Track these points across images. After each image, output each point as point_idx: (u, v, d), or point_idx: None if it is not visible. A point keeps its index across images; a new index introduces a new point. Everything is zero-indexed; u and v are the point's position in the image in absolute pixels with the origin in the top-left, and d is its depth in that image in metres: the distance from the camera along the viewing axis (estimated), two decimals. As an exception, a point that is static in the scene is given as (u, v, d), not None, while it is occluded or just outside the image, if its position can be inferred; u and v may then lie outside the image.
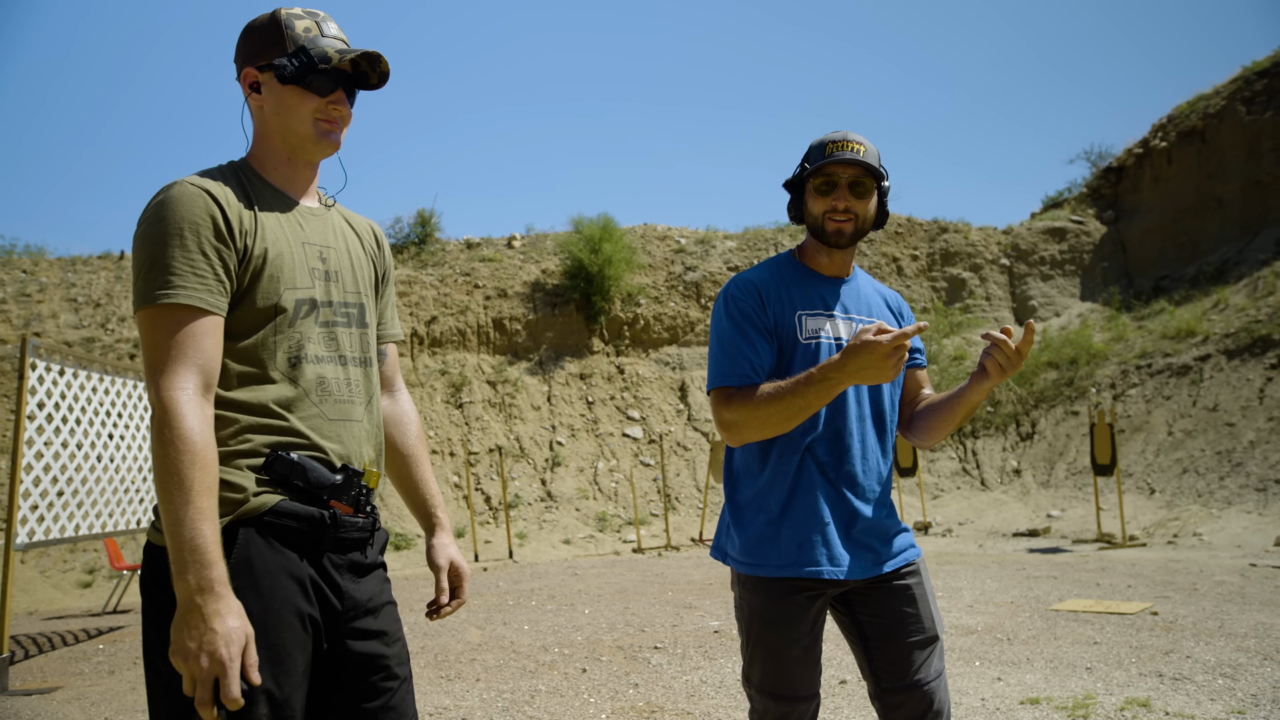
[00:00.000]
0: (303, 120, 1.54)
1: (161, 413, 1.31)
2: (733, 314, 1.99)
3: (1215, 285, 16.81)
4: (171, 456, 1.29)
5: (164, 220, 1.39)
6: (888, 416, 2.06)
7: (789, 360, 1.98)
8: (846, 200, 1.99)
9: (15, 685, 5.46)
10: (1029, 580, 7.74)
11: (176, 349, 1.35)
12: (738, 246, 19.66)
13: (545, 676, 4.94)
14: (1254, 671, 4.31)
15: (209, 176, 1.49)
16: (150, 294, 1.37)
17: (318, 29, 1.56)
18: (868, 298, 2.14)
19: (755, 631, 1.97)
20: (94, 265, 16.93)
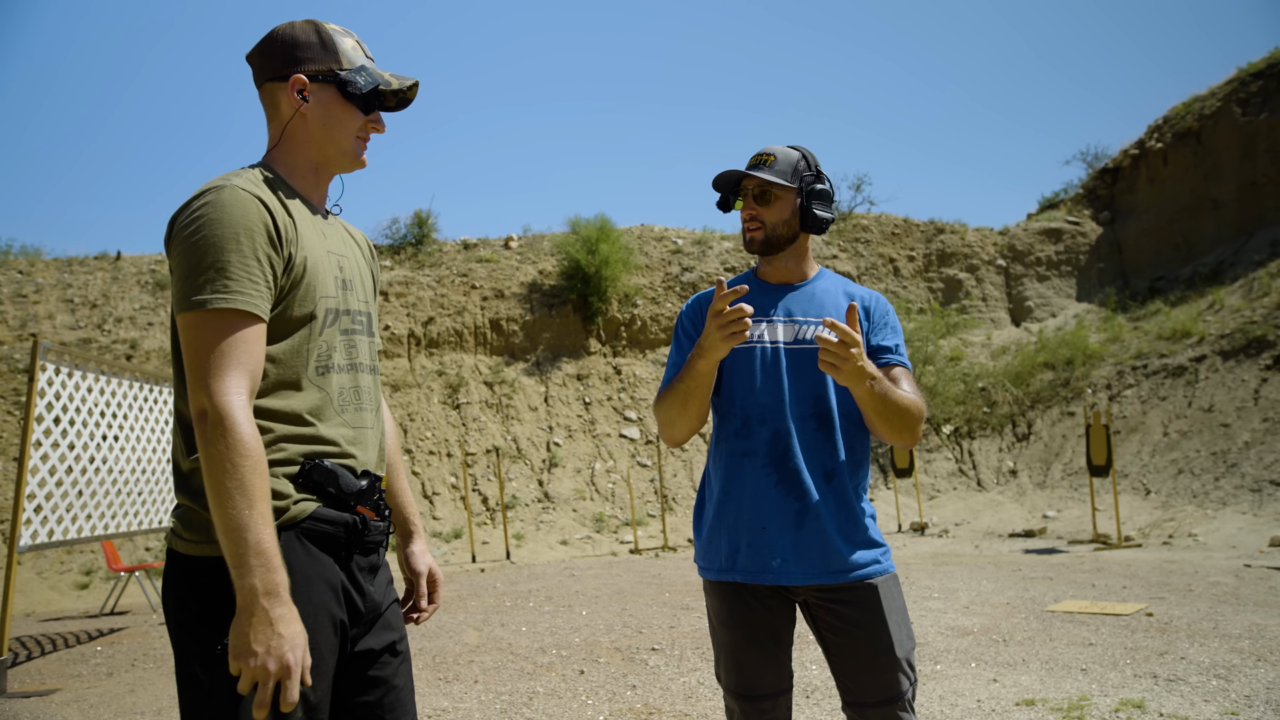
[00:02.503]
0: (347, 135, 1.58)
1: (218, 418, 1.31)
2: (677, 331, 2.14)
3: (1211, 286, 16.87)
4: (234, 460, 1.30)
5: (219, 223, 1.39)
6: (834, 413, 2.01)
7: (726, 365, 2.05)
8: (752, 208, 2.09)
9: (14, 687, 5.47)
10: (1025, 581, 7.77)
11: (231, 353, 1.35)
12: (734, 247, 19.68)
13: (543, 678, 4.96)
14: (1248, 673, 4.34)
15: (249, 180, 1.48)
16: (204, 297, 1.36)
17: (361, 49, 1.61)
18: (821, 300, 2.11)
19: (715, 631, 2.05)
20: (90, 266, 16.92)
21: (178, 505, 1.47)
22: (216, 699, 1.33)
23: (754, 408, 2.00)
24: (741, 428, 2.00)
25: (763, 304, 2.09)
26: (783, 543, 1.94)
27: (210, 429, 1.32)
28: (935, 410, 16.34)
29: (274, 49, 1.57)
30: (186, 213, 1.42)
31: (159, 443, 7.32)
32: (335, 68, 1.57)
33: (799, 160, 2.09)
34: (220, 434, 1.31)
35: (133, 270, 16.80)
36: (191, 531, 1.41)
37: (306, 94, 1.56)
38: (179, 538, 1.43)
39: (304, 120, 1.57)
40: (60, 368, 5.93)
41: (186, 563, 1.40)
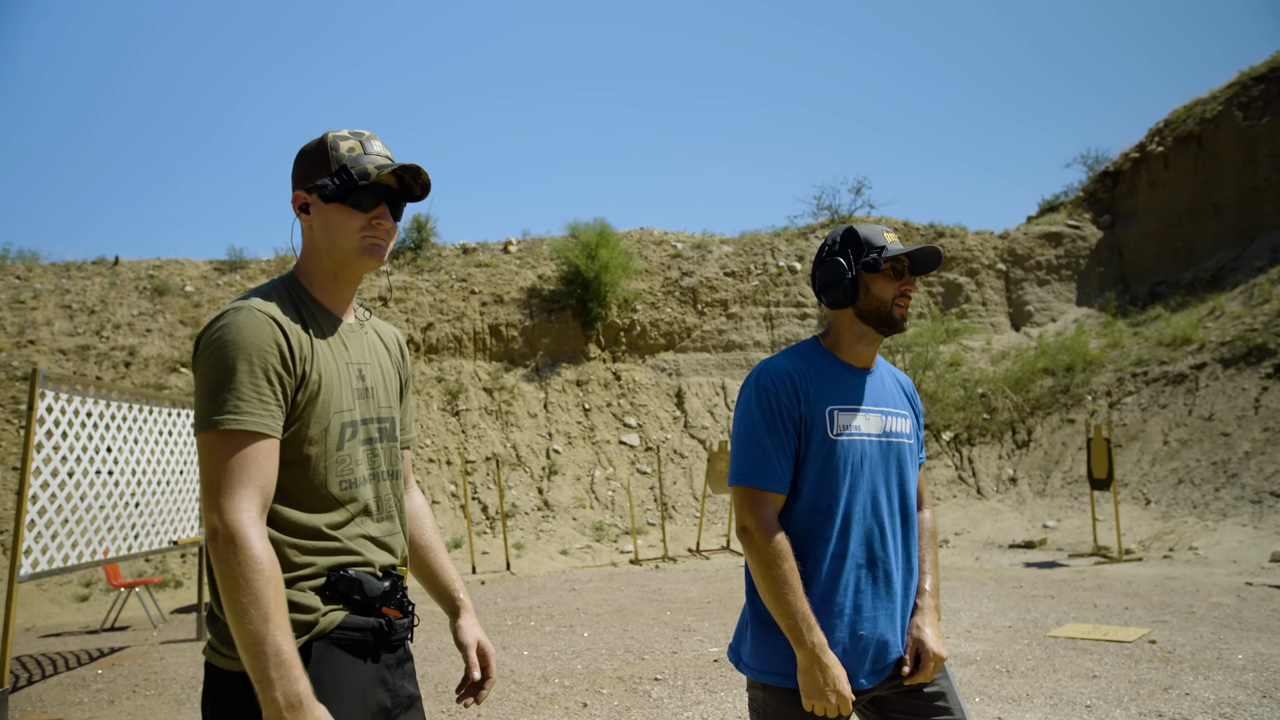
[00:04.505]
0: (348, 236, 1.60)
1: (229, 536, 1.36)
2: (765, 407, 1.96)
3: (1211, 292, 16.86)
4: (247, 577, 1.34)
5: (233, 345, 1.44)
6: (912, 510, 2.06)
7: (818, 454, 1.95)
8: (914, 284, 2.06)
9: (15, 716, 5.45)
10: (1026, 600, 7.76)
11: (240, 472, 1.40)
12: (734, 251, 19.65)
13: (547, 711, 4.95)
14: (1253, 711, 4.33)
15: (268, 298, 1.54)
16: (216, 418, 1.42)
17: (361, 148, 1.62)
18: (890, 388, 2.13)
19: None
20: (88, 271, 16.87)
21: (215, 620, 1.51)
22: None
23: (853, 505, 1.95)
24: (841, 529, 1.93)
25: (851, 388, 2.03)
26: (875, 645, 1.93)
27: (222, 546, 1.36)
28: (935, 417, 16.32)
29: (293, 170, 1.66)
30: (206, 334, 1.49)
31: (158, 463, 7.30)
32: (323, 176, 1.60)
33: None
34: (232, 551, 1.35)
35: (130, 275, 16.75)
36: (229, 648, 1.45)
37: (307, 207, 1.62)
38: (217, 653, 1.48)
39: (311, 232, 1.63)
40: (60, 394, 5.90)
41: (226, 678, 1.46)
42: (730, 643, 2.11)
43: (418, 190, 1.68)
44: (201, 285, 16.91)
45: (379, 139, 1.67)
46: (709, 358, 18.06)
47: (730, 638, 6.65)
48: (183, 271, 17.23)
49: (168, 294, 16.35)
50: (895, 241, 2.07)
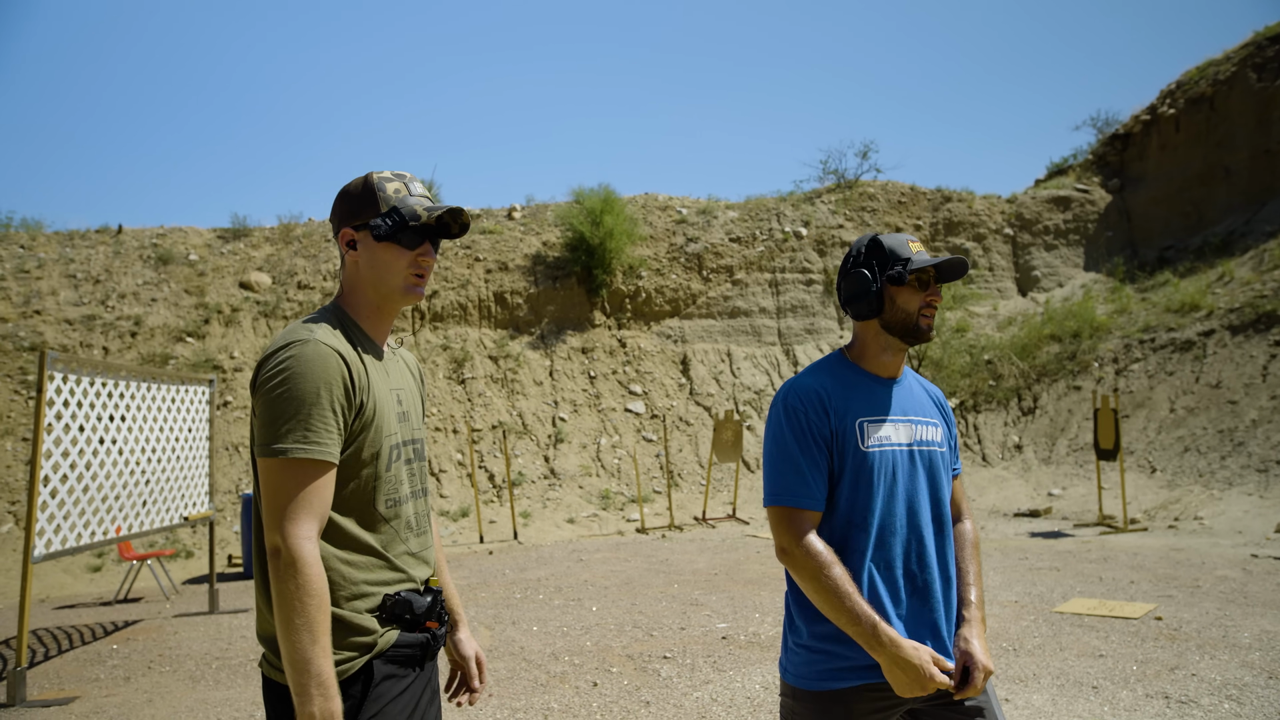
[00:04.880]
0: (396, 274, 1.73)
1: (290, 559, 1.49)
2: (796, 426, 1.96)
3: (1221, 257, 16.72)
4: (303, 599, 1.47)
5: (303, 377, 1.55)
6: (946, 518, 2.06)
7: (851, 467, 1.95)
8: (939, 295, 2.04)
9: (33, 693, 5.53)
10: (1032, 573, 7.81)
11: (305, 499, 1.52)
12: (740, 217, 19.50)
13: (557, 691, 5.00)
14: (1259, 693, 4.37)
15: (326, 326, 1.66)
16: (285, 447, 1.53)
17: (406, 189, 1.76)
18: (919, 398, 2.12)
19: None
20: (92, 240, 16.81)
21: (267, 634, 1.64)
22: None
23: (888, 516, 1.95)
24: (878, 540, 1.94)
25: (880, 398, 2.03)
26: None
27: (283, 568, 1.49)
28: (941, 384, 16.30)
29: (335, 208, 1.78)
30: (273, 361, 1.58)
31: (167, 440, 7.32)
32: (372, 215, 1.72)
33: None
34: (291, 574, 1.48)
35: (134, 244, 16.69)
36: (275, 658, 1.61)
37: (355, 244, 1.74)
38: (274, 667, 1.62)
39: (357, 267, 1.75)
40: (68, 375, 5.89)
41: (284, 692, 1.60)
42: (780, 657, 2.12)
43: (455, 229, 1.82)
44: (205, 254, 16.85)
45: (419, 180, 1.80)
46: (714, 324, 18.01)
47: (737, 612, 6.72)
48: (186, 240, 17.15)
49: (172, 263, 16.30)
50: (921, 252, 2.05)
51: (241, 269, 16.63)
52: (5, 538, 11.03)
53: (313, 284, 16.43)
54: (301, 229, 18.18)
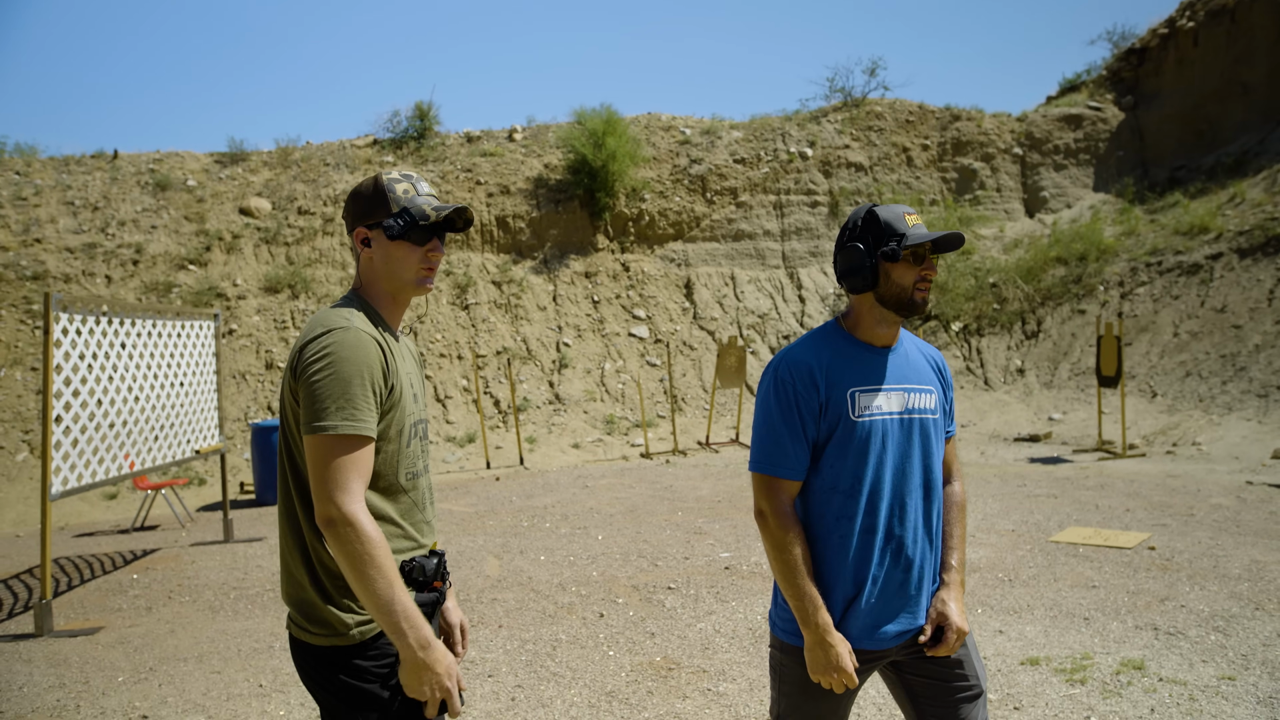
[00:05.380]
0: (409, 269, 1.88)
1: (347, 522, 1.62)
2: (783, 398, 2.02)
3: (1233, 178, 16.45)
4: (370, 553, 1.62)
5: (347, 361, 1.69)
6: (936, 483, 2.11)
7: (841, 437, 2.01)
8: (934, 268, 2.06)
9: (60, 623, 5.73)
10: (1030, 501, 7.95)
11: (354, 470, 1.66)
12: (744, 137, 19.15)
13: (565, 622, 5.17)
14: (1246, 625, 4.50)
15: (359, 314, 1.80)
16: (334, 423, 1.66)
17: (414, 189, 1.90)
18: (915, 363, 2.15)
19: (793, 696, 2.07)
20: (88, 165, 16.60)
21: (298, 598, 1.79)
22: None
23: (877, 483, 2.01)
24: (867, 503, 2.00)
25: (873, 368, 2.06)
26: (893, 611, 2.02)
27: (343, 532, 1.62)
28: (945, 308, 16.28)
29: (348, 207, 1.92)
30: (315, 347, 1.71)
31: (175, 375, 7.39)
32: (384, 215, 1.87)
33: None
34: (353, 534, 1.62)
35: (131, 170, 16.48)
36: (316, 626, 1.76)
37: (369, 242, 1.89)
38: (304, 630, 1.77)
39: (372, 263, 1.89)
40: (74, 315, 5.91)
41: (316, 652, 1.76)
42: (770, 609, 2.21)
43: (460, 224, 1.95)
44: (203, 179, 16.65)
45: (425, 180, 1.93)
46: (718, 248, 17.89)
47: (740, 541, 6.88)
48: (183, 165, 16.93)
49: (170, 189, 16.12)
50: (918, 225, 2.05)
51: (240, 194, 16.46)
52: (21, 466, 11.23)
53: (313, 209, 16.28)
54: (300, 152, 17.92)
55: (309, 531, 1.76)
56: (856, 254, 2.04)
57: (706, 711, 3.83)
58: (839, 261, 2.09)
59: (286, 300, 14.76)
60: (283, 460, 1.81)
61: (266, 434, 10.31)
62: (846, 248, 2.07)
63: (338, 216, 16.09)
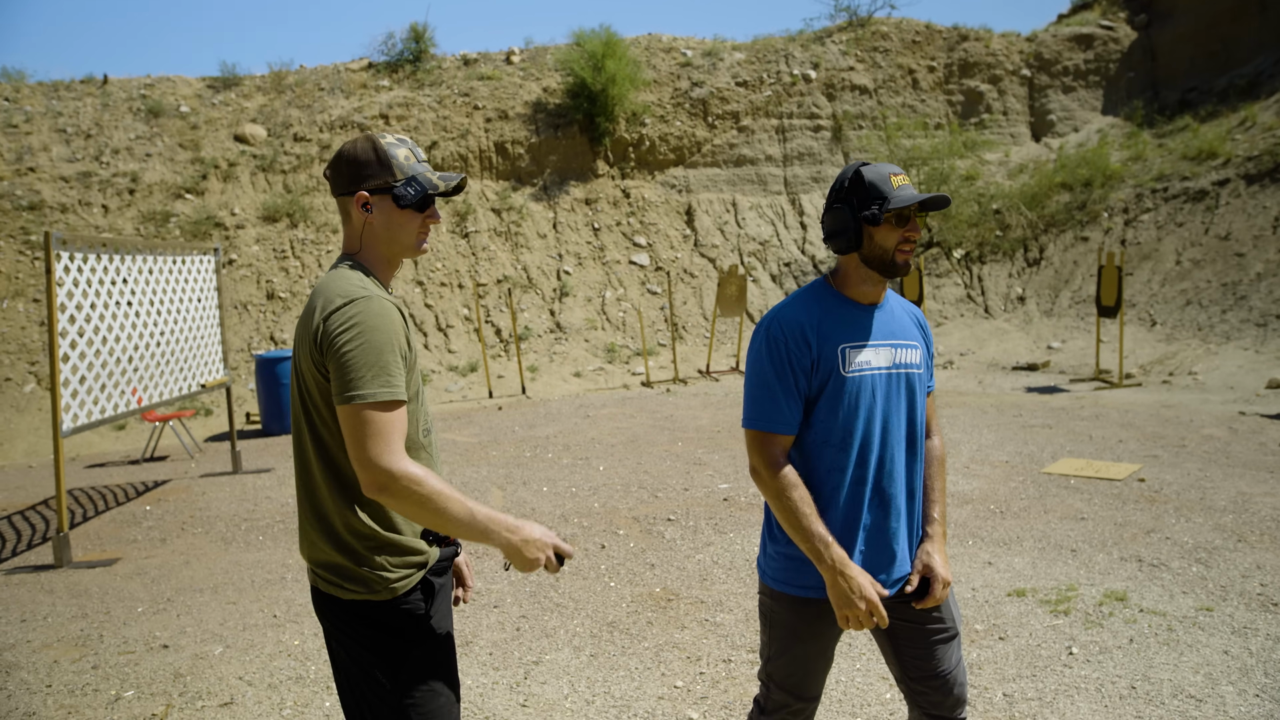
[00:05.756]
0: (410, 234, 1.91)
1: (405, 477, 1.68)
2: (775, 356, 2.07)
3: (1245, 101, 16.15)
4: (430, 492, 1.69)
5: (377, 330, 1.73)
6: (919, 436, 2.18)
7: (833, 392, 2.07)
8: (918, 230, 2.09)
9: (77, 555, 5.91)
10: (1025, 431, 8.07)
11: (395, 432, 1.71)
12: (746, 59, 18.73)
13: (568, 553, 5.32)
14: (1227, 556, 4.64)
15: (370, 278, 1.85)
16: (373, 391, 1.70)
17: (413, 155, 1.91)
18: (900, 320, 2.20)
19: (783, 641, 2.18)
20: (77, 91, 16.30)
21: (327, 561, 1.83)
22: (396, 692, 1.81)
23: (866, 436, 2.08)
24: (855, 457, 2.07)
25: (861, 324, 2.11)
26: (878, 562, 2.10)
27: (403, 489, 1.68)
28: (947, 234, 16.18)
29: (341, 169, 1.89)
30: (341, 316, 1.73)
31: (178, 310, 7.43)
32: (390, 181, 1.87)
33: None
34: (412, 486, 1.68)
35: (122, 95, 16.20)
36: (352, 583, 1.81)
37: (370, 206, 1.88)
38: (340, 587, 1.82)
39: (372, 226, 1.90)
40: (74, 254, 5.93)
41: (352, 607, 1.82)
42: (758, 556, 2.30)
43: (452, 190, 1.97)
44: (196, 105, 16.37)
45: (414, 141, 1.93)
46: (719, 173, 17.69)
47: (738, 472, 7.02)
48: (175, 90, 16.62)
49: (163, 115, 15.87)
50: (904, 185, 2.06)
51: (235, 121, 16.21)
52: (29, 398, 11.36)
53: (308, 136, 16.05)
54: (293, 77, 17.57)
55: (332, 497, 1.80)
56: (841, 217, 2.08)
57: (704, 641, 3.99)
58: (825, 223, 2.13)
59: (285, 229, 14.68)
60: (300, 429, 1.84)
61: (270, 365, 10.40)
62: (832, 209, 2.11)
63: (334, 143, 15.86)
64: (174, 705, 3.61)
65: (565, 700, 3.50)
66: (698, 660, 3.80)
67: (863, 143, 17.90)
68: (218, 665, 3.99)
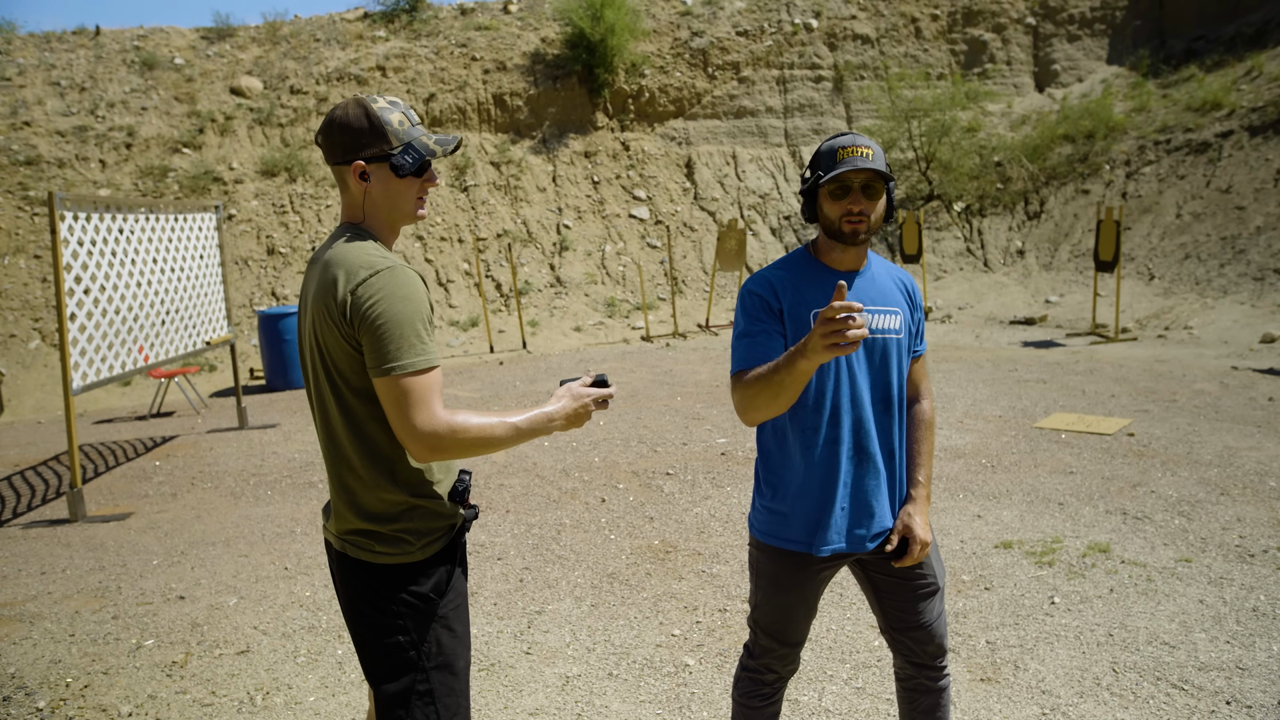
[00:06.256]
0: (409, 201, 1.90)
1: (450, 432, 1.73)
2: (748, 308, 2.18)
3: (1252, 50, 15.96)
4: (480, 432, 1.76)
5: (408, 299, 1.74)
6: (895, 399, 2.27)
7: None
8: (860, 203, 2.12)
9: (91, 509, 6.06)
10: (1019, 386, 8.18)
11: (433, 395, 1.75)
12: (747, 7, 18.46)
13: (568, 507, 5.48)
14: (1209, 510, 4.78)
15: (387, 249, 1.86)
16: (410, 360, 1.72)
17: (408, 120, 1.87)
18: (882, 286, 2.27)
19: (767, 589, 2.30)
20: (70, 43, 16.13)
21: (359, 529, 1.86)
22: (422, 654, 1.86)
23: (840, 398, 2.17)
24: (830, 417, 2.17)
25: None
26: (857, 518, 2.21)
27: (449, 442, 1.73)
28: (948, 187, 16.12)
29: (334, 138, 1.84)
30: (368, 289, 1.73)
31: (182, 268, 7.50)
32: (386, 148, 1.83)
33: (882, 150, 2.16)
34: (459, 434, 1.74)
35: (115, 47, 16.02)
36: (385, 545, 1.84)
37: (367, 175, 1.84)
38: (374, 552, 1.85)
39: (372, 196, 1.87)
40: (78, 214, 5.98)
41: (383, 571, 1.86)
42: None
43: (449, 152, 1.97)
44: (191, 57, 16.20)
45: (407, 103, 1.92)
46: (719, 125, 17.56)
47: (736, 426, 7.15)
48: (169, 42, 16.43)
49: (157, 68, 15.72)
50: (849, 159, 2.08)
51: (230, 73, 16.05)
52: (35, 354, 11.47)
53: (305, 88, 15.91)
54: (288, 27, 17.35)
55: (366, 467, 1.82)
56: (804, 184, 2.18)
57: (701, 591, 4.14)
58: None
59: (284, 184, 14.65)
60: (326, 403, 1.84)
61: (273, 321, 10.49)
62: (802, 178, 2.19)
63: (331, 96, 15.74)
64: (193, 653, 3.77)
65: (567, 648, 3.66)
66: (694, 610, 3.95)
67: (864, 94, 17.74)
68: (233, 615, 4.15)
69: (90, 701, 3.41)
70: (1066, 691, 3.10)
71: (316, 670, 3.58)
